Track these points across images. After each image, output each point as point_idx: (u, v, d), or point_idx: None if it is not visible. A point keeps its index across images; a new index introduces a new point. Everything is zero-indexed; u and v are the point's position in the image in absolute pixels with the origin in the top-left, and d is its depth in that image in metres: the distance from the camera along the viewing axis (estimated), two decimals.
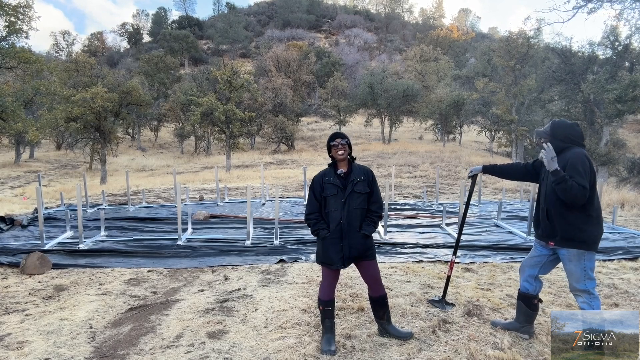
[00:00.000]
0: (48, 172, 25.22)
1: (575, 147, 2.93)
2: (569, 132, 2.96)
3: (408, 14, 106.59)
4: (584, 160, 2.82)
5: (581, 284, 2.91)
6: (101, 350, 3.13)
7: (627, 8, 15.57)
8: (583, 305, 2.92)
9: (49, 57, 53.44)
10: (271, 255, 5.68)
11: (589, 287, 2.90)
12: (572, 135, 2.95)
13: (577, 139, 2.96)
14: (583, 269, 2.91)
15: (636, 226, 7.90)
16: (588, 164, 2.83)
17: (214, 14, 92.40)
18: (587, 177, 2.78)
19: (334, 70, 45.75)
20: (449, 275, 3.88)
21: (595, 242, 2.90)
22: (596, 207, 2.90)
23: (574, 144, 2.95)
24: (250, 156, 28.19)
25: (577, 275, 2.94)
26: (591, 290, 2.90)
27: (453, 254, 3.89)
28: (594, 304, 2.88)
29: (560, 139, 2.95)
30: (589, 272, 2.91)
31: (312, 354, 2.96)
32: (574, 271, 2.95)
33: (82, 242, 6.11)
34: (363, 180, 3.07)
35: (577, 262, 2.92)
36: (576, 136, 2.96)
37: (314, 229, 3.08)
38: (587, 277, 2.90)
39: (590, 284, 2.91)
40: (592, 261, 2.92)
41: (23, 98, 15.00)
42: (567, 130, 2.96)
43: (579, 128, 3.00)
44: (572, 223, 2.89)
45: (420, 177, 16.55)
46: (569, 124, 3.01)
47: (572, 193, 2.74)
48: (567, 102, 22.45)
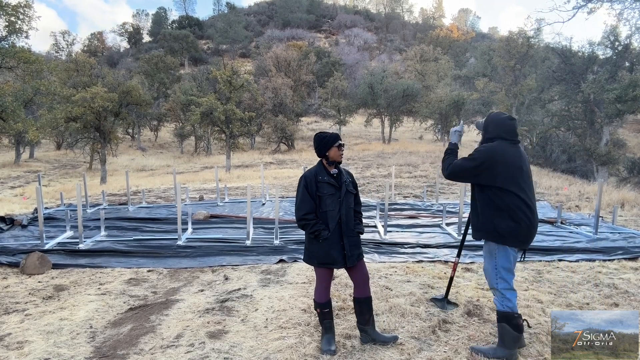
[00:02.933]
0: (48, 172, 25.22)
1: (499, 140, 2.89)
2: (500, 126, 2.93)
3: (408, 14, 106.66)
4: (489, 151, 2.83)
5: (493, 283, 2.90)
6: (101, 350, 3.13)
7: (627, 8, 15.56)
8: (495, 301, 2.94)
9: (49, 57, 53.46)
10: (271, 255, 5.68)
11: (500, 287, 2.86)
12: (502, 129, 2.92)
13: (505, 133, 2.91)
14: (494, 267, 2.88)
15: (636, 226, 7.90)
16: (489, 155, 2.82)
17: (214, 14, 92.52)
18: (474, 161, 2.84)
19: (334, 70, 45.72)
20: (452, 277, 3.87)
21: (508, 237, 2.80)
22: (511, 200, 2.80)
23: (501, 138, 2.90)
24: (250, 156, 28.19)
25: (488, 272, 2.95)
26: (501, 290, 2.86)
27: (457, 256, 3.89)
28: (505, 304, 2.85)
29: (489, 132, 2.96)
30: (500, 271, 2.86)
31: (312, 354, 2.96)
32: (486, 267, 2.96)
33: (82, 242, 6.11)
34: (350, 181, 3.18)
35: (489, 257, 2.91)
36: (505, 130, 2.91)
37: (313, 229, 2.95)
38: (498, 277, 2.87)
39: (502, 284, 2.86)
40: (505, 259, 2.85)
41: (23, 98, 14.99)
42: (498, 124, 2.94)
43: (511, 122, 2.94)
44: (480, 213, 2.90)
45: (420, 177, 16.54)
46: (500, 118, 2.97)
47: (444, 163, 2.97)
48: (567, 102, 22.43)
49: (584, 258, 5.49)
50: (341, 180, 3.08)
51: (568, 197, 11.78)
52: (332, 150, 3.05)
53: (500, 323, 2.89)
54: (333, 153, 3.06)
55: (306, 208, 2.99)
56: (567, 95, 22.08)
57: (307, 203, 3.00)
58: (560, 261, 5.39)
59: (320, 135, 3.11)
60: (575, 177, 18.48)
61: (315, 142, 3.10)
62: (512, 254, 2.87)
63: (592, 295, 4.18)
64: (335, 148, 3.05)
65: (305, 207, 2.99)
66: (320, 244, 2.98)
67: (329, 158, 3.07)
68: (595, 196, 9.52)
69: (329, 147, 3.05)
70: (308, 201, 3.00)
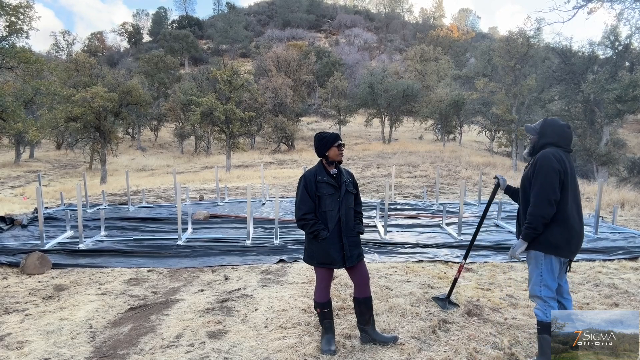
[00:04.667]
0: (48, 171, 25.22)
1: (555, 148, 2.78)
2: (557, 133, 2.83)
3: (408, 14, 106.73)
4: (548, 165, 2.68)
5: (536, 290, 2.76)
6: (101, 350, 3.13)
7: (627, 8, 15.55)
8: (537, 311, 2.78)
9: (49, 57, 53.45)
10: (271, 255, 5.68)
11: (543, 294, 2.73)
12: (560, 136, 2.82)
13: (562, 140, 2.82)
14: (540, 274, 2.75)
15: (636, 226, 7.90)
16: (555, 168, 2.66)
17: (214, 13, 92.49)
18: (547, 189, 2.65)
19: (334, 70, 45.72)
20: (456, 278, 3.86)
21: (557, 247, 2.70)
22: (563, 210, 2.70)
23: (558, 145, 2.81)
24: (250, 156, 28.18)
25: (533, 279, 2.80)
26: (545, 298, 2.73)
27: (464, 258, 3.88)
28: (549, 313, 2.71)
29: (546, 140, 2.84)
30: (545, 278, 2.73)
31: (312, 354, 2.96)
32: (531, 274, 2.82)
33: (82, 242, 6.11)
34: (351, 181, 3.17)
35: (535, 265, 2.79)
36: (563, 137, 2.82)
37: (312, 229, 2.94)
38: (542, 284, 2.74)
39: (545, 292, 2.73)
40: (549, 267, 2.74)
41: (23, 98, 14.98)
42: (555, 131, 2.83)
43: (569, 130, 2.86)
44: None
45: (420, 177, 16.54)
46: (559, 125, 2.87)
47: (539, 223, 2.67)
48: (567, 102, 22.43)
49: (584, 258, 5.48)
50: (341, 180, 3.08)
51: None
52: (331, 150, 3.05)
53: (542, 335, 2.72)
54: (332, 153, 3.05)
55: (305, 208, 2.99)
56: (567, 95, 22.08)
57: (306, 203, 2.99)
58: None
59: (320, 135, 3.11)
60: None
61: (315, 142, 3.11)
62: (559, 262, 2.78)
63: (592, 295, 4.18)
64: (334, 148, 3.04)
65: (305, 207, 2.99)
66: (320, 244, 2.97)
67: (328, 158, 3.07)
68: (595, 196, 9.51)
69: (329, 147, 3.05)
70: (307, 201, 2.99)
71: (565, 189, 2.72)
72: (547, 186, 2.66)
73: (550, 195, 2.65)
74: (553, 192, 2.65)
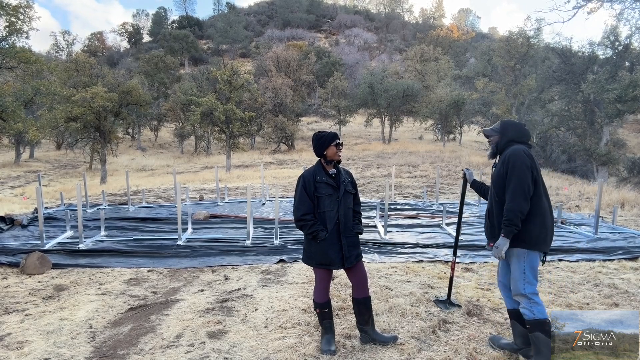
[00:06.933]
0: (48, 172, 25.22)
1: (516, 145, 2.88)
2: (518, 130, 2.94)
3: (408, 14, 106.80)
4: (521, 162, 2.74)
5: (520, 288, 2.74)
6: (101, 350, 3.13)
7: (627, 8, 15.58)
8: (523, 310, 2.75)
9: (49, 57, 53.45)
10: (271, 255, 5.68)
11: (527, 291, 2.71)
12: (521, 133, 2.94)
13: (524, 137, 2.94)
14: (522, 271, 2.75)
15: (636, 226, 7.90)
16: (527, 164, 2.74)
17: (214, 13, 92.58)
18: (523, 185, 2.70)
19: (334, 70, 45.73)
20: (451, 276, 3.87)
21: (537, 242, 2.74)
22: (539, 204, 2.75)
23: (521, 142, 2.91)
24: (250, 156, 28.19)
25: (515, 277, 2.78)
26: (529, 295, 2.71)
27: (453, 255, 3.90)
28: (535, 310, 2.68)
29: (508, 137, 2.94)
30: (528, 275, 2.74)
31: (312, 354, 2.96)
32: (513, 273, 2.81)
33: (82, 242, 6.10)
34: (350, 181, 3.15)
35: (517, 263, 2.78)
36: (524, 134, 2.95)
37: (311, 230, 2.93)
38: (525, 281, 2.73)
39: (529, 289, 2.72)
40: (532, 263, 2.75)
41: (23, 98, 14.99)
42: (516, 128, 2.95)
43: (527, 128, 3.01)
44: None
45: (420, 177, 16.54)
46: (517, 123, 3.01)
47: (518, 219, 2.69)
48: (567, 102, 22.44)
49: (584, 258, 5.49)
50: (339, 180, 3.07)
51: (568, 197, 11.79)
52: (329, 150, 3.03)
53: (534, 333, 2.69)
54: (331, 152, 3.04)
55: (304, 208, 2.97)
56: (567, 95, 22.09)
57: (305, 203, 2.98)
58: (560, 261, 5.39)
59: (317, 135, 3.10)
60: (575, 177, 18.50)
61: (313, 142, 3.10)
62: (538, 257, 2.81)
63: (592, 295, 4.18)
64: (332, 147, 3.03)
65: (304, 207, 2.98)
66: (319, 244, 2.96)
67: (326, 157, 3.06)
68: (595, 196, 9.52)
69: (327, 146, 3.03)
70: (306, 201, 2.98)
71: (538, 184, 2.78)
72: (523, 182, 2.72)
73: (526, 190, 2.71)
74: (528, 187, 2.72)
